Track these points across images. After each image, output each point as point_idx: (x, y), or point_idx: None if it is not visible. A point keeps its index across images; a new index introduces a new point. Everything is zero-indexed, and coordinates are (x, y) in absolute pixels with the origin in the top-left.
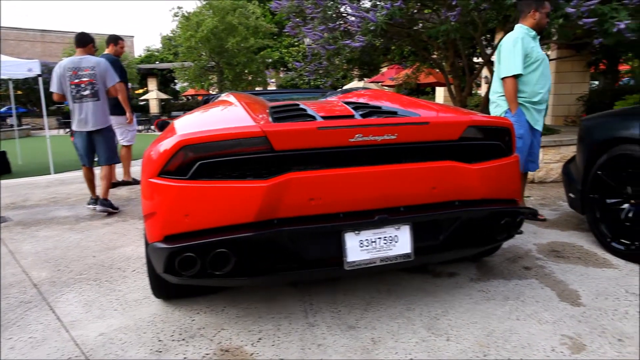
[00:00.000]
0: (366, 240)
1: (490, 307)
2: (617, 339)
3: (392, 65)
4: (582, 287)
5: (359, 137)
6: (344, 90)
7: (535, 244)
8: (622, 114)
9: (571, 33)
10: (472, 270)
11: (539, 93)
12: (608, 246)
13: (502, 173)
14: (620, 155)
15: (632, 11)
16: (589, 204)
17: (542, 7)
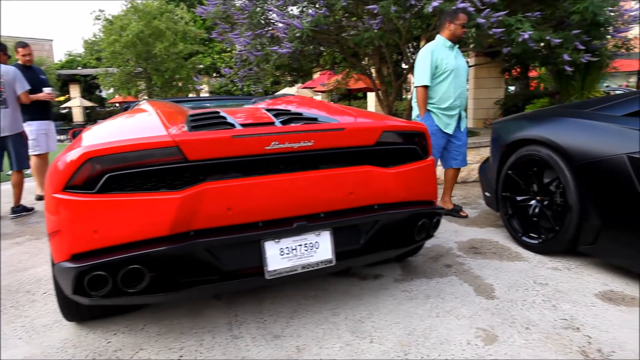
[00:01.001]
0: (286, 248)
1: (412, 306)
2: (525, 327)
3: (324, 71)
4: (496, 280)
5: (275, 144)
6: (269, 97)
7: (456, 242)
8: (527, 116)
9: (484, 42)
10: (396, 271)
11: (448, 100)
12: (520, 240)
13: (418, 176)
14: (526, 155)
15: (534, 23)
16: (502, 202)
17: (457, 19)
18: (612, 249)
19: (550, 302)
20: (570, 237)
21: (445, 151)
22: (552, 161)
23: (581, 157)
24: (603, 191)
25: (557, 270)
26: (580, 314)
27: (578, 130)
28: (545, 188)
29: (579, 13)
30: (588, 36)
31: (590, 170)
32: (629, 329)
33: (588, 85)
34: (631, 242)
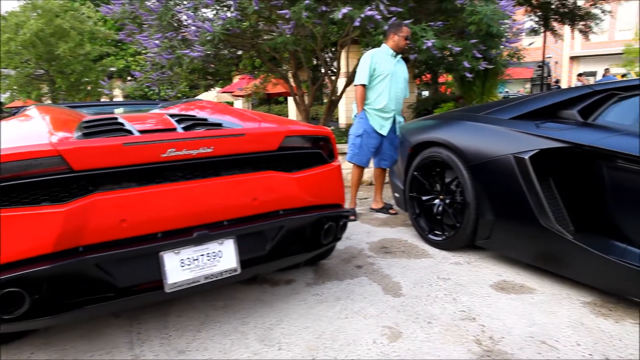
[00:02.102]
0: (187, 258)
1: (322, 309)
2: (428, 322)
3: (243, 75)
4: (403, 278)
5: (172, 151)
6: (176, 102)
7: (368, 242)
8: (430, 120)
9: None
10: (309, 275)
11: (382, 102)
12: (426, 238)
13: (324, 179)
14: (429, 157)
15: (437, 32)
16: (410, 202)
17: (400, 31)
18: (503, 242)
19: (451, 295)
20: (469, 233)
21: (378, 152)
22: (451, 162)
23: (475, 158)
24: (494, 189)
25: (458, 264)
26: (477, 305)
27: (472, 133)
28: (447, 187)
29: (475, 24)
30: (484, 45)
31: (483, 169)
32: (517, 315)
33: (487, 90)
34: (518, 234)
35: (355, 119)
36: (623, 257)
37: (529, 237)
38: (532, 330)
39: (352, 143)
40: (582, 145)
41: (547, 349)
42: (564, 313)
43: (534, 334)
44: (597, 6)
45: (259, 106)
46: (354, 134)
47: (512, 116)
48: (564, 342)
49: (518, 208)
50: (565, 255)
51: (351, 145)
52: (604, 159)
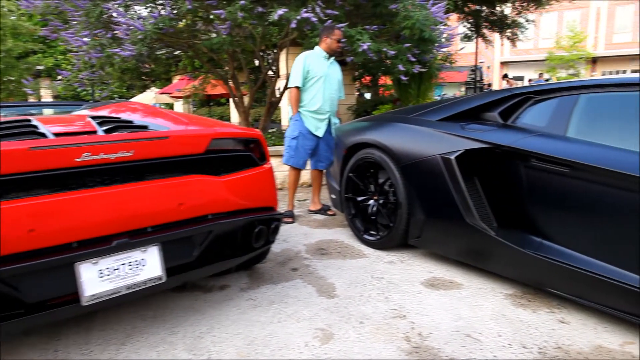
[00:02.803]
0: (107, 269)
1: (255, 314)
2: (360, 322)
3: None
4: (338, 279)
5: (87, 156)
6: (102, 103)
7: (305, 244)
8: (365, 121)
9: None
10: (243, 279)
11: (317, 104)
12: (362, 239)
13: (254, 182)
14: (363, 158)
15: (373, 35)
16: (346, 203)
17: (332, 34)
18: (433, 240)
19: (384, 294)
20: (402, 232)
21: (314, 153)
22: (383, 163)
23: (406, 159)
24: (424, 189)
25: (392, 263)
26: (408, 302)
27: (403, 134)
28: (380, 188)
29: (408, 28)
30: (418, 49)
31: (413, 170)
32: (445, 310)
33: (423, 93)
34: (446, 232)
35: (290, 121)
36: (539, 250)
37: (456, 234)
38: (458, 324)
39: (288, 145)
40: (501, 145)
41: (471, 342)
42: (488, 306)
43: (460, 327)
44: (522, 15)
45: (200, 108)
46: (290, 137)
47: (439, 118)
48: (486, 334)
49: (445, 207)
50: (488, 250)
51: (287, 148)
52: (521, 158)
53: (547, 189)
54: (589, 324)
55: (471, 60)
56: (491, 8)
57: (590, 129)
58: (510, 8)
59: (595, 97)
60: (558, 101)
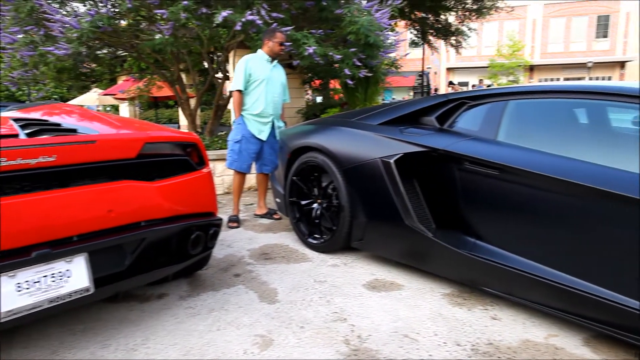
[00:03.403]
0: (26, 282)
1: (194, 323)
2: (300, 326)
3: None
4: (281, 284)
5: (3, 161)
6: (29, 104)
7: (249, 249)
8: (309, 125)
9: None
10: (183, 287)
11: (259, 107)
12: (306, 242)
13: (191, 188)
14: (306, 161)
15: (319, 39)
16: (290, 207)
17: (274, 37)
18: (375, 242)
19: (326, 298)
20: (345, 235)
21: (259, 157)
22: (326, 166)
23: (348, 162)
24: (365, 192)
25: (335, 266)
26: (349, 305)
27: (345, 138)
28: (324, 192)
29: (354, 33)
30: (364, 54)
31: (355, 173)
32: (385, 311)
33: (369, 97)
34: (387, 234)
35: (233, 125)
36: (473, 250)
37: (396, 236)
38: (397, 325)
39: (231, 149)
40: (437, 149)
41: (408, 342)
42: (426, 306)
43: (399, 328)
44: (465, 24)
45: (148, 110)
46: (233, 140)
47: (380, 122)
48: (423, 334)
49: (386, 209)
50: (426, 251)
51: (230, 152)
52: (455, 161)
53: (478, 191)
54: (519, 319)
55: (419, 65)
56: (436, 16)
57: (518, 133)
58: (454, 17)
59: (522, 103)
60: (489, 107)
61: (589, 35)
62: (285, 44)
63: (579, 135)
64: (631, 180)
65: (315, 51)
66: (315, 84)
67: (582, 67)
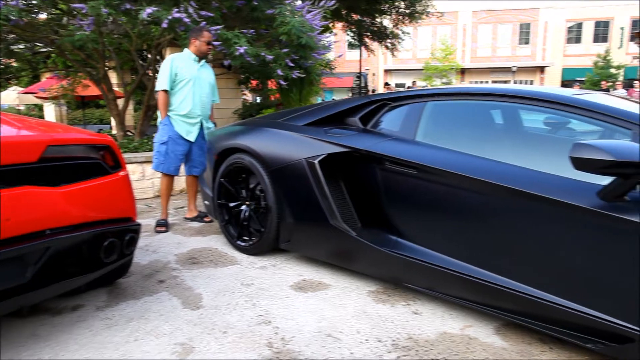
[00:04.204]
0: None
1: (110, 335)
2: (223, 332)
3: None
4: (206, 289)
5: None
6: None
7: (176, 254)
8: (237, 126)
9: None
10: (102, 297)
11: (187, 107)
12: (235, 245)
13: (104, 192)
14: (234, 163)
15: (251, 39)
16: (219, 209)
17: (201, 36)
18: (302, 243)
19: (252, 301)
20: (273, 237)
21: (188, 159)
22: (253, 168)
23: (274, 163)
24: (292, 193)
25: (264, 268)
26: (275, 307)
27: (271, 139)
28: (252, 193)
29: (286, 34)
30: (297, 55)
31: (281, 174)
32: (310, 312)
33: (304, 98)
34: (313, 235)
35: (159, 126)
36: (394, 248)
37: (322, 236)
38: (321, 325)
39: (157, 151)
40: (359, 149)
41: (331, 341)
42: (351, 304)
43: (323, 328)
44: (399, 28)
45: (76, 110)
46: (159, 141)
47: (306, 123)
48: (346, 332)
49: (311, 210)
50: (351, 251)
51: (156, 154)
52: (377, 161)
53: (399, 190)
54: (438, 312)
55: (358, 67)
56: (372, 19)
57: (435, 133)
58: (388, 20)
59: (439, 104)
60: (409, 108)
61: (513, 41)
62: (213, 44)
63: (492, 135)
64: (539, 179)
65: (246, 51)
66: (253, 84)
67: (507, 70)
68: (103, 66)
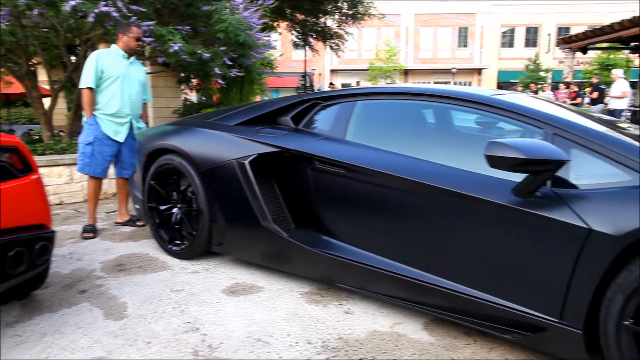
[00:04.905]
0: None
1: (18, 353)
2: (147, 342)
3: None
4: (132, 297)
5: None
6: None
7: (103, 261)
8: (168, 126)
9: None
10: (13, 312)
11: (114, 107)
12: (167, 249)
13: (11, 198)
14: (163, 164)
15: (186, 36)
16: (149, 213)
17: (129, 31)
18: (235, 246)
19: (180, 307)
20: (205, 240)
21: (118, 160)
22: (183, 169)
23: (205, 164)
24: (223, 194)
25: (196, 273)
26: (204, 313)
27: (202, 139)
28: (183, 195)
29: (223, 31)
30: (235, 53)
31: (212, 175)
32: (240, 316)
33: (245, 97)
34: (246, 237)
35: (84, 126)
36: (326, 248)
37: (254, 238)
38: (251, 329)
39: (82, 152)
40: (290, 149)
41: (260, 346)
42: (283, 307)
43: (252, 333)
44: (343, 28)
45: (2, 109)
46: (84, 142)
47: (237, 122)
48: (276, 336)
49: (243, 211)
50: (283, 252)
51: (81, 155)
52: (307, 161)
53: (329, 190)
54: (370, 311)
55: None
56: (315, 19)
57: (364, 133)
58: (332, 20)
59: (368, 103)
60: (339, 107)
61: (452, 44)
62: (144, 39)
63: (418, 134)
64: (462, 177)
65: (181, 48)
66: (196, 83)
67: (448, 72)
68: (26, 62)
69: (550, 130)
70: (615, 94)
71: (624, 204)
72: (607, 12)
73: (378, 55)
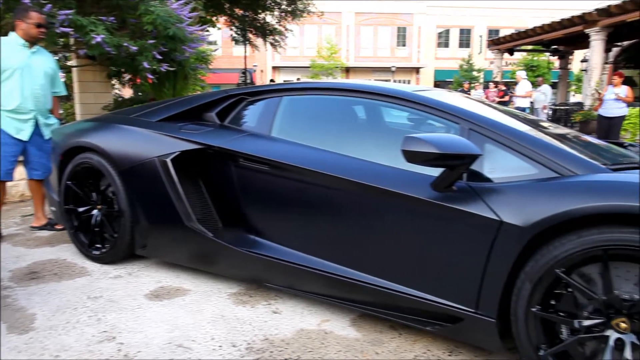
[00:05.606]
0: None
1: None
2: (55, 356)
3: None
4: (43, 308)
5: None
6: None
7: (12, 270)
8: (86, 122)
9: (56, 40)
10: None
11: (14, 102)
12: (87, 254)
13: None
14: (81, 163)
15: (111, 28)
16: (67, 215)
17: (28, 17)
18: (159, 248)
19: (97, 315)
20: (127, 242)
21: (26, 161)
22: (102, 168)
23: (125, 163)
24: (145, 194)
25: (118, 278)
26: (123, 321)
27: (121, 136)
28: (103, 196)
29: (150, 24)
30: (166, 47)
31: (133, 174)
32: (162, 322)
33: (178, 93)
34: (170, 238)
35: None
36: (253, 248)
37: (179, 239)
38: (172, 335)
39: None
40: (213, 146)
41: (181, 352)
42: (209, 309)
43: (174, 338)
44: (282, 24)
45: None
46: None
47: (160, 118)
48: (200, 340)
49: (166, 211)
50: (209, 253)
51: None
52: (232, 159)
53: (254, 188)
54: (298, 309)
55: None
56: (254, 14)
57: (290, 129)
58: (271, 16)
59: (294, 99)
60: (265, 103)
61: (392, 43)
62: (46, 26)
63: (343, 130)
64: (384, 172)
65: (104, 40)
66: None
67: (388, 70)
68: None
69: (466, 126)
70: (520, 93)
71: (531, 197)
72: (530, 17)
73: (320, 53)
